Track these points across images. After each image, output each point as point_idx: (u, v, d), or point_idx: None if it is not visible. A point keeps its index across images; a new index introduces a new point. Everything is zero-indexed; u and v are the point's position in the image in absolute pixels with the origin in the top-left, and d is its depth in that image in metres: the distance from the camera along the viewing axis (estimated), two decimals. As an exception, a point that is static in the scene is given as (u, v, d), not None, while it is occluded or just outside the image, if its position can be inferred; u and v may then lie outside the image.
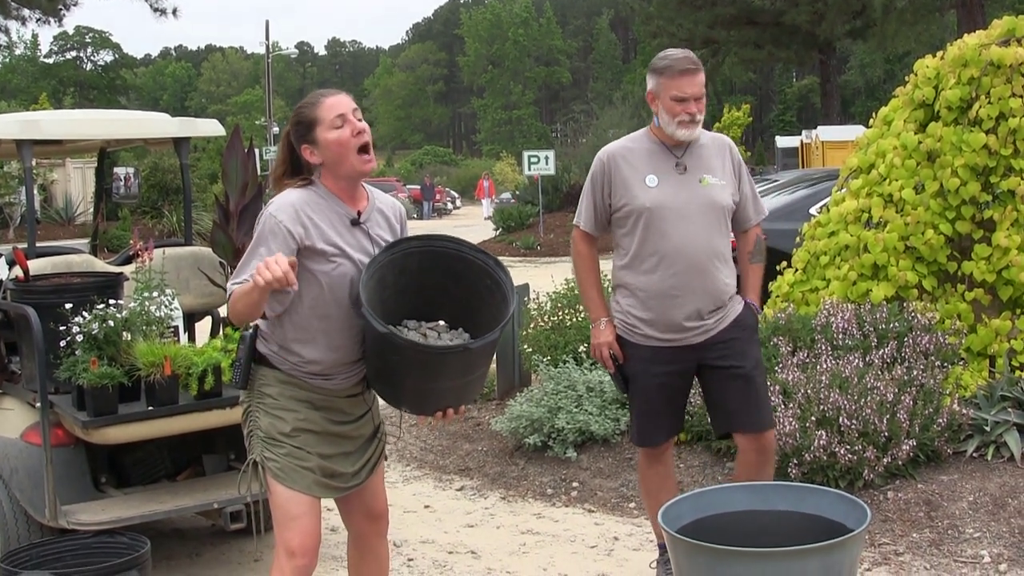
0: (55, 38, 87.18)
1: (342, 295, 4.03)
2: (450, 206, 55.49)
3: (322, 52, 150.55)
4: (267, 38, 61.89)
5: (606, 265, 5.38)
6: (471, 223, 43.65)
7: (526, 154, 31.37)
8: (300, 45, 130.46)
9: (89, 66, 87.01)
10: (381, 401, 4.40)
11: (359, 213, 4.11)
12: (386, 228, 4.21)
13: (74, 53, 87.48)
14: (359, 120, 4.03)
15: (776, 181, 14.43)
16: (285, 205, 3.97)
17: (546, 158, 30.56)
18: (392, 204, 4.32)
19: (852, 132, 31.03)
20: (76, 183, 34.84)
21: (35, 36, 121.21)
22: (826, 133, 34.57)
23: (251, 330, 4.11)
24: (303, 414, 4.09)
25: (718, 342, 5.19)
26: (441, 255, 4.19)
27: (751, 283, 5.43)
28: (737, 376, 5.17)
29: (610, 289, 5.46)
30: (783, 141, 43.05)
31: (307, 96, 4.14)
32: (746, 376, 5.18)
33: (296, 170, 4.11)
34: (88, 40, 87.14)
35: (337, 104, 4.01)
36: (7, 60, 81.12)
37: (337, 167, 4.03)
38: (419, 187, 53.52)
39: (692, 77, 5.05)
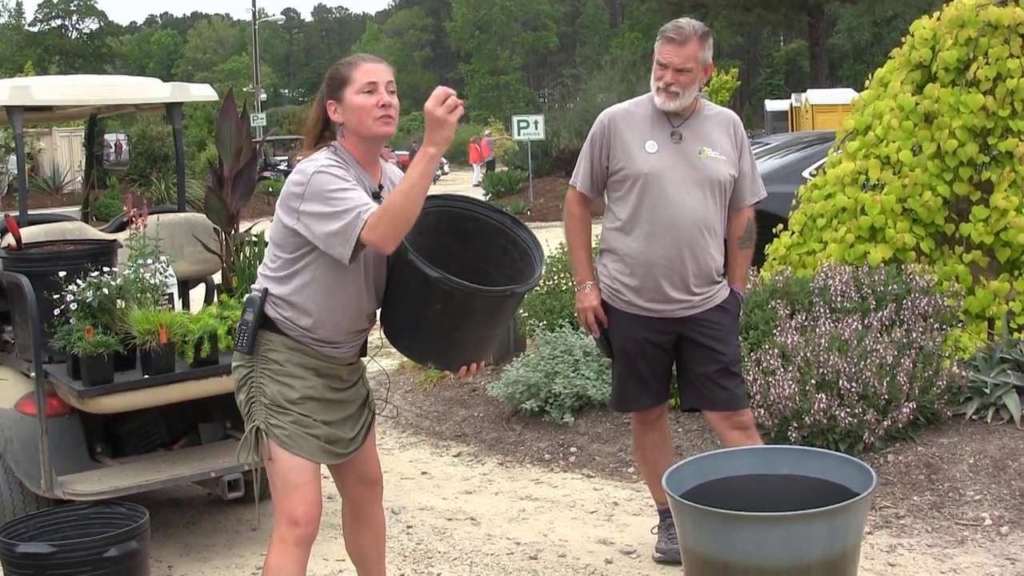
0: (40, 6, 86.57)
1: (362, 265, 4.00)
2: (439, 172, 55.26)
3: (309, 18, 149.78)
4: (254, 5, 61.48)
5: (599, 230, 5.36)
6: (460, 188, 43.51)
7: (516, 119, 31.23)
8: (287, 11, 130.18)
9: (74, 34, 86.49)
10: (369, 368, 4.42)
11: (380, 186, 4.09)
12: None
13: (59, 21, 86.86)
14: (390, 93, 3.98)
15: (767, 144, 14.36)
16: (331, 161, 3.91)
17: (536, 123, 30.43)
18: (400, 175, 4.27)
19: (842, 95, 30.97)
20: (63, 151, 34.55)
21: (19, 4, 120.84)
22: (816, 96, 34.48)
23: (261, 293, 4.05)
24: (310, 381, 4.06)
25: (702, 320, 5.20)
26: (455, 215, 4.20)
27: (738, 270, 5.42)
28: (717, 362, 5.19)
29: (597, 252, 5.44)
30: (772, 105, 42.93)
31: (351, 55, 4.13)
32: (725, 367, 5.21)
33: (327, 124, 4.06)
34: (73, 8, 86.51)
35: (373, 71, 3.97)
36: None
37: (356, 130, 3.98)
38: (408, 153, 53.22)
39: (674, 47, 5.03)
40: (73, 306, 5.54)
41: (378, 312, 4.18)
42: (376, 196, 4.02)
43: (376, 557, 4.56)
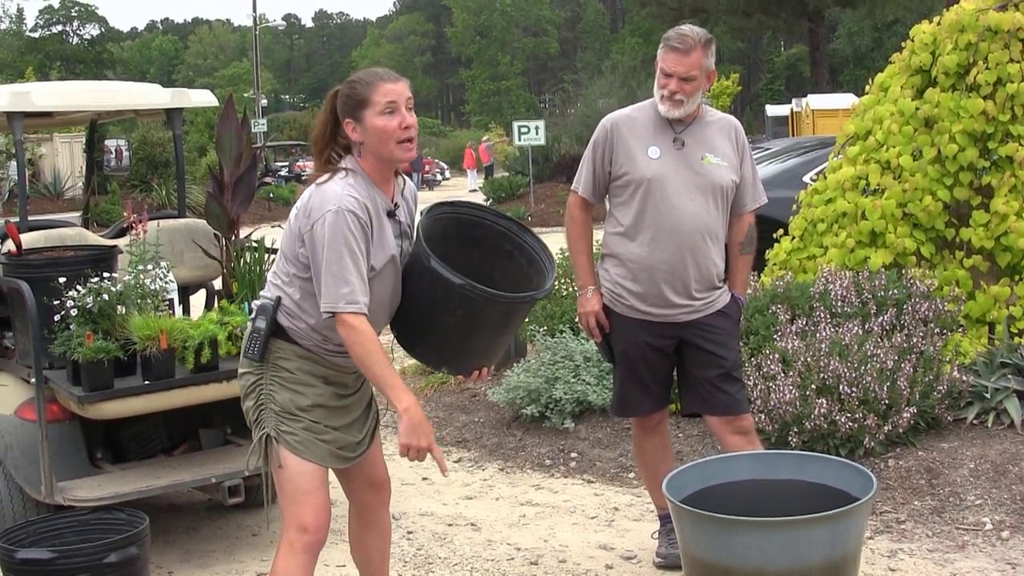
0: (41, 12, 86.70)
1: (381, 288, 3.99)
2: (439, 177, 55.23)
3: (309, 24, 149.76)
4: (254, 10, 61.55)
5: (600, 235, 5.36)
6: (459, 194, 43.53)
7: (516, 124, 31.24)
8: (287, 17, 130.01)
9: (75, 40, 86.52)
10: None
11: (395, 205, 4.08)
12: (406, 213, 4.21)
13: (60, 27, 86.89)
14: (409, 111, 3.97)
15: (768, 149, 14.38)
16: (351, 200, 3.87)
17: (536, 128, 30.43)
18: (412, 187, 4.30)
19: (843, 100, 31.04)
20: (64, 157, 34.62)
21: (20, 10, 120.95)
22: (817, 101, 34.52)
23: (273, 301, 4.04)
24: (320, 389, 4.07)
25: (704, 325, 5.21)
26: (462, 221, 4.24)
27: (739, 276, 5.42)
28: (718, 366, 5.19)
29: (599, 257, 5.44)
30: (773, 110, 43.00)
31: (364, 71, 4.04)
32: (726, 372, 5.21)
33: (334, 136, 4.04)
34: (74, 13, 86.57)
35: (392, 91, 3.92)
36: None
37: (377, 151, 3.97)
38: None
39: (679, 55, 5.02)
40: (73, 312, 5.54)
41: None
42: (391, 215, 4.04)
43: (380, 561, 4.57)
